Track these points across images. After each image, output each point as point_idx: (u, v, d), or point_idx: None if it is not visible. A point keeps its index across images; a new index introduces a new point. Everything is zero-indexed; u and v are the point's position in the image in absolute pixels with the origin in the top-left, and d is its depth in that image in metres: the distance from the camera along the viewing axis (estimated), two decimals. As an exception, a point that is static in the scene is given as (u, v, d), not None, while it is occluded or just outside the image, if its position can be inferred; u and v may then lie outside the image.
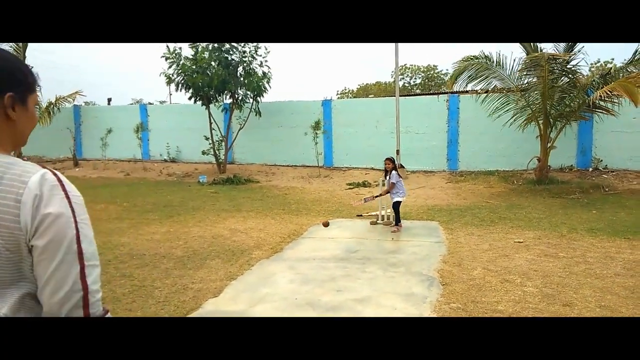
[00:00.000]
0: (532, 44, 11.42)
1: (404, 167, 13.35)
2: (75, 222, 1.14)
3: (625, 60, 10.88)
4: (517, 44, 12.59)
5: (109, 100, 25.75)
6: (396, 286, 4.82)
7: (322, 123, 14.54)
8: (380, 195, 7.82)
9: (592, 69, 23.50)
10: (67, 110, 18.89)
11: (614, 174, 11.89)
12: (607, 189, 10.48)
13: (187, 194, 11.62)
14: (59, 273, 1.10)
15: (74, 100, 18.45)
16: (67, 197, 1.14)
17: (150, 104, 23.99)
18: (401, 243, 6.68)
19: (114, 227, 7.71)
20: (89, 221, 1.20)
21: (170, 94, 39.06)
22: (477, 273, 5.24)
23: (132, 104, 30.61)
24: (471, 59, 11.83)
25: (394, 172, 7.50)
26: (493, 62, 11.60)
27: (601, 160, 12.38)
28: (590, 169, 12.39)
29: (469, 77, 11.81)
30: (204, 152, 15.09)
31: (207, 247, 6.53)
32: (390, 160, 7.72)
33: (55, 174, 1.16)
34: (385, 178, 7.69)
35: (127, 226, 7.82)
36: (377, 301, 4.44)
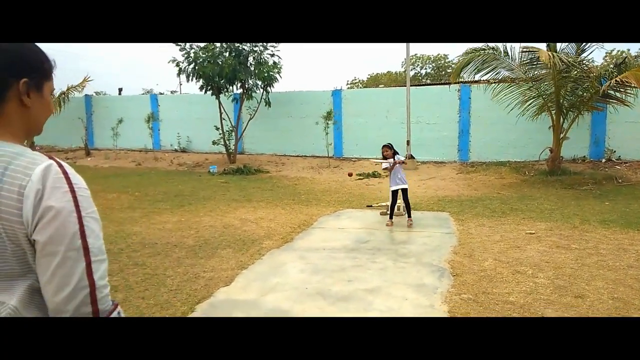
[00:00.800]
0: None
1: (414, 158, 13.29)
2: (80, 216, 1.08)
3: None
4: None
5: (120, 90, 25.88)
6: (407, 277, 4.83)
7: (333, 113, 14.49)
8: (394, 164, 7.14)
9: (607, 58, 23.14)
10: (78, 100, 19.03)
11: (627, 165, 11.75)
12: (620, 180, 10.36)
13: (198, 183, 11.69)
14: (62, 270, 1.06)
15: (83, 88, 18.56)
16: (72, 190, 1.09)
17: (161, 94, 24.05)
18: (411, 234, 6.67)
19: (126, 217, 7.79)
20: (96, 214, 1.14)
21: (181, 84, 39.08)
22: (488, 264, 5.22)
23: (142, 93, 30.74)
24: (476, 50, 11.65)
25: (397, 156, 7.14)
26: (500, 52, 11.44)
27: (614, 151, 12.23)
28: (603, 160, 12.25)
29: (476, 68, 11.65)
30: (214, 142, 15.14)
31: (218, 236, 6.57)
32: (388, 147, 7.21)
33: (61, 166, 1.11)
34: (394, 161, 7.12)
35: (139, 215, 7.89)
36: (387, 291, 4.45)
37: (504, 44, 11.46)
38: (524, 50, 10.65)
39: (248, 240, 6.36)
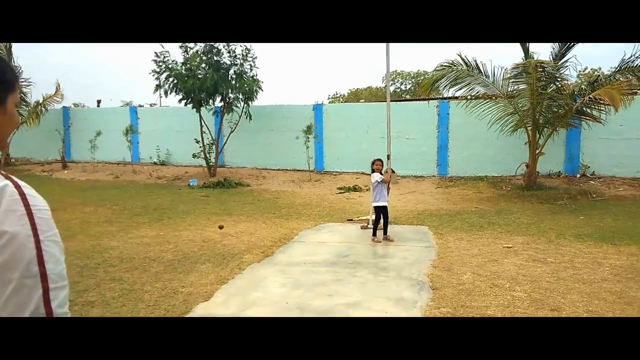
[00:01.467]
0: (525, 44, 11.56)
1: (394, 172, 13.38)
2: (37, 240, 1.02)
3: (611, 68, 11.08)
4: (505, 46, 12.71)
5: (99, 102, 25.52)
6: (387, 290, 4.85)
7: (314, 127, 14.56)
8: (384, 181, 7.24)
9: (581, 76, 23.84)
10: (56, 112, 18.76)
11: (601, 180, 12.05)
12: (594, 195, 10.61)
13: (177, 197, 11.57)
14: (17, 298, 0.99)
15: (61, 98, 18.28)
16: (29, 213, 1.03)
17: (140, 106, 23.83)
18: (391, 248, 6.71)
19: (103, 230, 7.66)
20: (57, 237, 1.08)
21: (161, 97, 38.86)
22: (466, 278, 5.28)
23: (122, 106, 30.42)
24: (448, 66, 11.82)
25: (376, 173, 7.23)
26: (473, 68, 11.66)
27: (589, 167, 12.54)
28: (578, 175, 12.54)
29: (450, 83, 11.82)
30: (194, 155, 15.03)
31: (198, 250, 6.51)
32: (381, 161, 7.41)
33: (18, 186, 1.05)
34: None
35: (116, 229, 7.77)
36: (367, 305, 4.46)
37: (474, 59, 11.70)
38: (518, 65, 10.83)
39: (228, 254, 6.31)
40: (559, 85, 10.90)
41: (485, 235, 7.34)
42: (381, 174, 7.32)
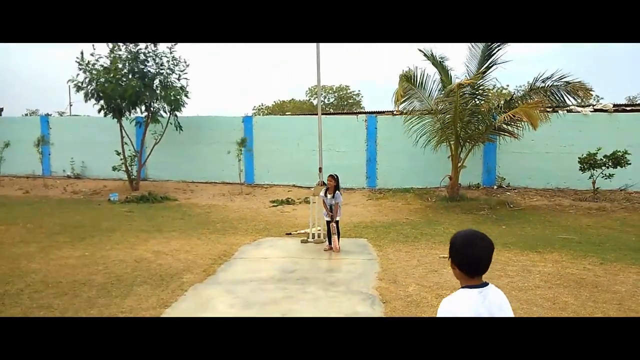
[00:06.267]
0: (441, 65, 12.35)
1: (325, 185, 13.50)
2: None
3: (517, 86, 12.02)
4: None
5: (0, 110, 23.38)
6: (340, 306, 4.82)
7: (247, 140, 14.33)
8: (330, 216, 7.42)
9: (490, 95, 25.69)
10: (-49, 120, 16.88)
11: (516, 191, 12.97)
12: (511, 205, 11.37)
13: (98, 213, 10.81)
14: None
15: None
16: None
17: (47, 114, 22.14)
18: (335, 261, 6.72)
19: (19, 252, 6.94)
20: None
21: (71, 105, 36.30)
22: (412, 289, 5.40)
23: (26, 114, 28.12)
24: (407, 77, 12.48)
25: (338, 192, 7.52)
26: (417, 82, 12.27)
27: (504, 179, 13.46)
28: (495, 187, 13.41)
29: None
30: (114, 168, 14.17)
31: (131, 271, 6.10)
32: (334, 177, 7.54)
33: None
34: (326, 196, 7.50)
35: (35, 250, 7.07)
36: (322, 323, 4.40)
37: (423, 71, 12.44)
38: (450, 88, 11.44)
39: (166, 275, 5.97)
40: (480, 101, 11.65)
41: (421, 246, 7.58)
42: (334, 193, 7.54)
